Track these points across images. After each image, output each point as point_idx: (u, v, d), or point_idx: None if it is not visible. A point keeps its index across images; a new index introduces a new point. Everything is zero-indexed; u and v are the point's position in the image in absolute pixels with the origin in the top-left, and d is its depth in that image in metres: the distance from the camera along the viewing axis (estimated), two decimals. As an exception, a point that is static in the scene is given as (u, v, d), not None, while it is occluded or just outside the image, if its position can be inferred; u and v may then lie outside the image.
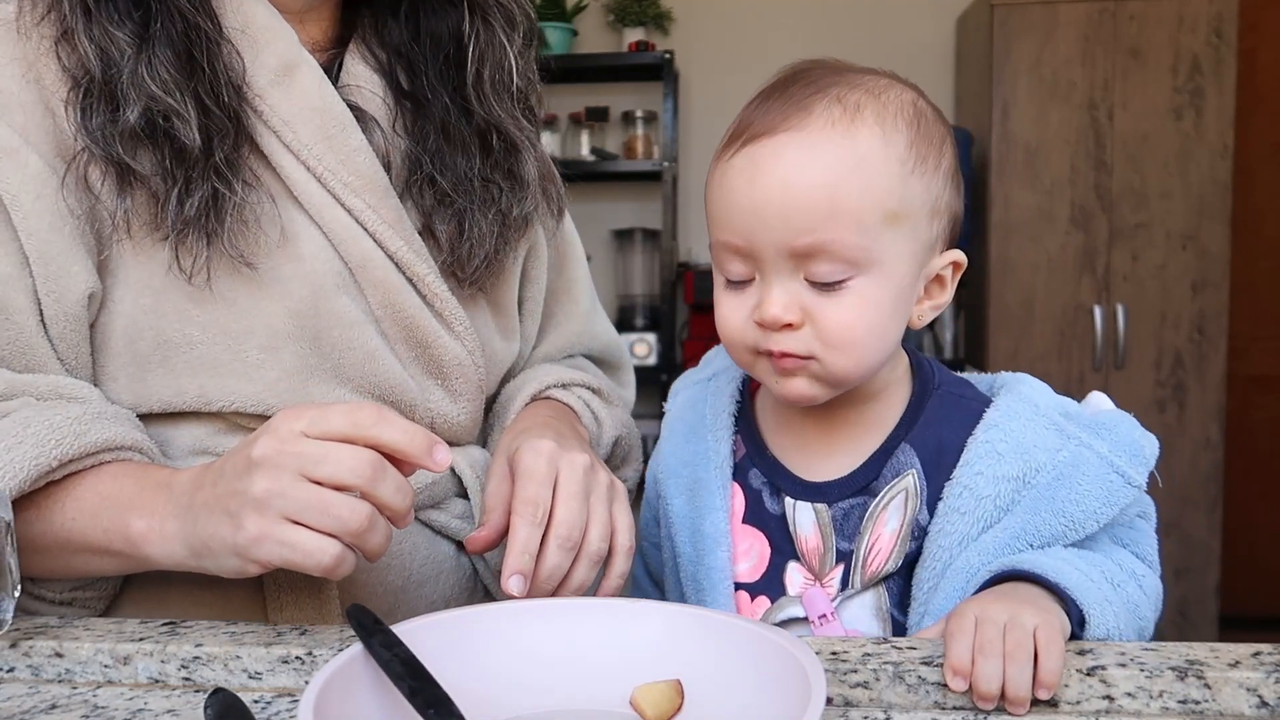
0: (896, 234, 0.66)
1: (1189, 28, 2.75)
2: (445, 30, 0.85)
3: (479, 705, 0.54)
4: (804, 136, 0.65)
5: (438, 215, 0.82)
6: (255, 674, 0.63)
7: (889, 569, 0.70)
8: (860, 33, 3.30)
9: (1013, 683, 0.56)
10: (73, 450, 0.67)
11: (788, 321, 0.66)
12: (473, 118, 0.85)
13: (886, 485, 0.72)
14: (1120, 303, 2.81)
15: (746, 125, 0.68)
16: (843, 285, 0.66)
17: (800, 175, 0.65)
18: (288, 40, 0.78)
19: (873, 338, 0.67)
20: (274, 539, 0.59)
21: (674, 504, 0.79)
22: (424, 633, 0.57)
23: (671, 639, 0.58)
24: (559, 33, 3.26)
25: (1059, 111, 2.81)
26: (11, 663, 0.66)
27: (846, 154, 0.65)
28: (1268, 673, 0.56)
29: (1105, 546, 0.70)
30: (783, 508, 0.74)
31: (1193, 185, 2.78)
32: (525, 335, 0.95)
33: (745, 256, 0.68)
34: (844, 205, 0.64)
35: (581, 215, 1.07)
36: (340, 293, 0.77)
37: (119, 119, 0.70)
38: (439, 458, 0.61)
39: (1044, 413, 0.71)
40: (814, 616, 0.71)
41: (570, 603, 0.63)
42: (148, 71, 0.70)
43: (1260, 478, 3.26)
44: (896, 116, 0.67)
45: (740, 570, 0.75)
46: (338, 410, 0.61)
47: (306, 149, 0.77)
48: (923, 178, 0.67)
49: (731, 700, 0.54)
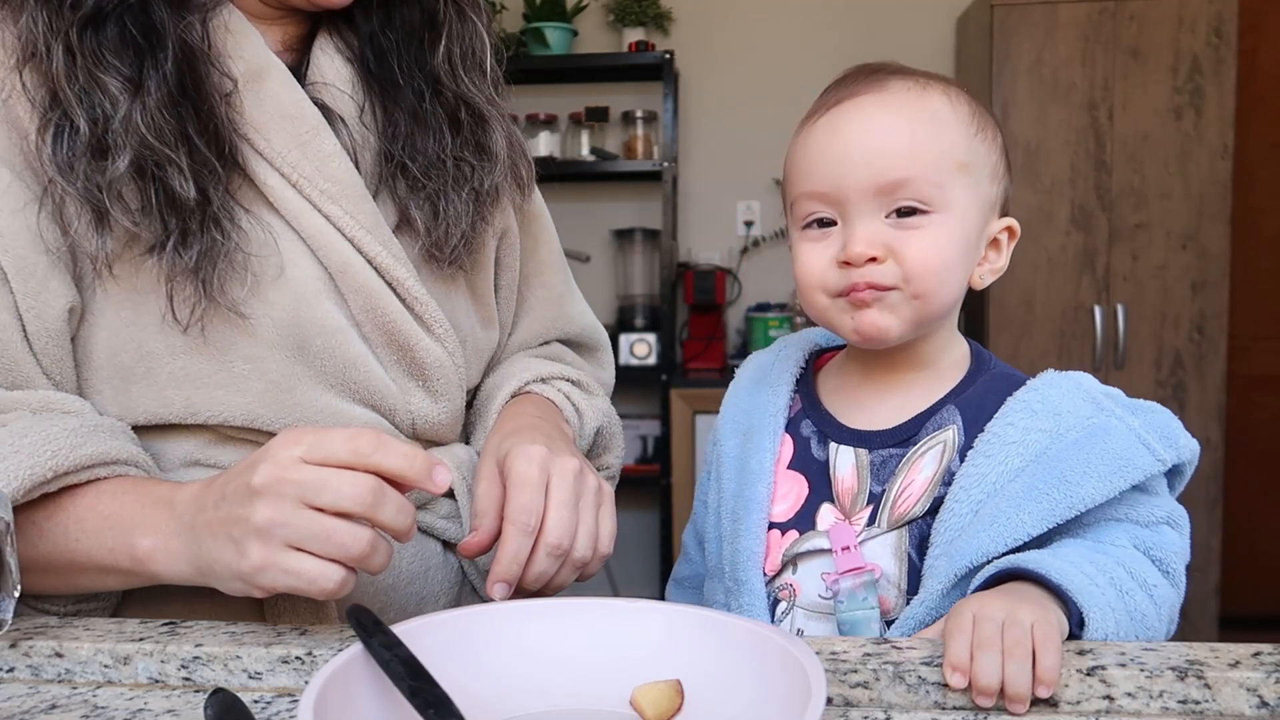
0: (966, 183, 0.73)
1: (1189, 28, 2.75)
2: (417, 18, 0.85)
3: (479, 705, 0.54)
4: (884, 97, 0.74)
5: (412, 201, 0.82)
6: (255, 674, 0.63)
7: (916, 512, 0.73)
8: (860, 33, 3.30)
9: (1012, 679, 0.56)
10: (68, 463, 0.67)
11: (872, 255, 0.71)
12: (443, 96, 0.85)
13: (927, 436, 0.76)
14: (1120, 303, 2.81)
15: (826, 99, 0.76)
16: (922, 219, 0.72)
17: (883, 122, 0.73)
18: (255, 44, 0.77)
19: (947, 273, 0.73)
20: (278, 567, 0.59)
21: (727, 445, 0.85)
22: (424, 633, 0.57)
23: (671, 639, 0.58)
24: (559, 33, 3.26)
25: (1059, 111, 2.81)
26: (11, 663, 0.65)
27: (922, 110, 0.74)
28: (1268, 673, 0.56)
29: (1124, 550, 0.69)
30: (827, 453, 0.79)
31: (1193, 185, 2.78)
32: (501, 322, 0.96)
33: (830, 202, 0.74)
34: (922, 148, 0.72)
35: (581, 215, 1.07)
36: (322, 300, 0.77)
37: (106, 166, 0.69)
38: (439, 480, 0.61)
39: (1085, 388, 0.74)
40: (837, 547, 0.74)
41: (570, 603, 0.62)
42: (141, 116, 0.69)
43: (1260, 478, 3.26)
44: (958, 95, 0.76)
45: (776, 511, 0.79)
46: (337, 436, 0.60)
47: (280, 156, 0.76)
48: (984, 142, 0.76)
49: (731, 700, 0.54)
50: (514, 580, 0.69)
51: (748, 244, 3.39)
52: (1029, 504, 0.68)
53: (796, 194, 0.76)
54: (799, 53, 3.33)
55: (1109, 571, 0.66)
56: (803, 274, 0.76)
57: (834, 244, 0.74)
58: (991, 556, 0.68)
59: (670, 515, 3.07)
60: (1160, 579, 0.69)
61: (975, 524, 0.69)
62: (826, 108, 0.75)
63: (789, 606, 0.76)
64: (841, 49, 3.29)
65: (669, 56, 3.13)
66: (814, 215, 0.75)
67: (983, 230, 0.76)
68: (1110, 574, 0.66)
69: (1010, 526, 0.68)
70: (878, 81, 0.75)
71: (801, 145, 0.76)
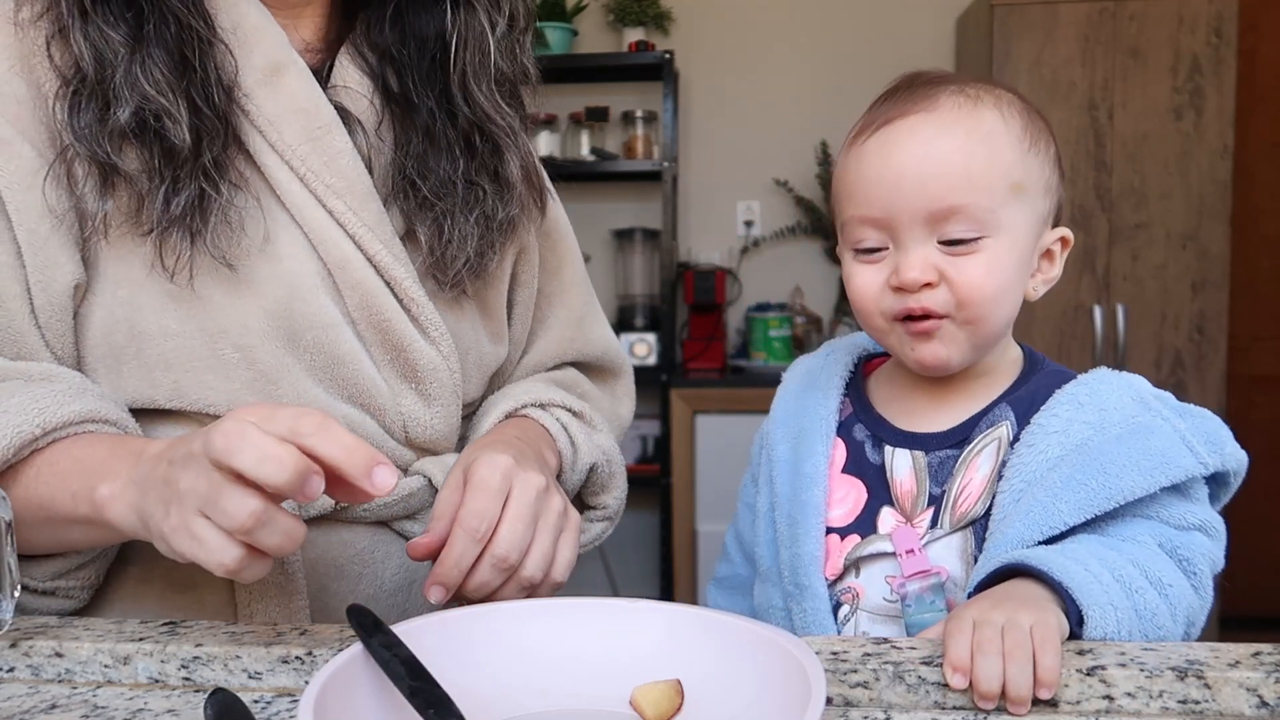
0: (1019, 203, 0.73)
1: (1189, 28, 2.75)
2: (431, 30, 0.84)
3: (479, 705, 0.54)
4: (935, 116, 0.73)
5: (419, 219, 0.82)
6: (255, 674, 0.63)
7: (977, 511, 0.73)
8: (860, 33, 3.30)
9: (1013, 682, 0.56)
10: (56, 419, 0.67)
11: (926, 281, 0.71)
12: (457, 119, 0.84)
13: (981, 434, 0.76)
14: (1120, 302, 2.81)
15: (877, 115, 0.75)
16: (975, 245, 0.72)
17: (935, 146, 0.72)
18: (276, 41, 0.78)
19: (1002, 295, 0.73)
20: (186, 530, 0.57)
21: (778, 450, 0.84)
22: (424, 633, 0.57)
23: (671, 639, 0.58)
24: (559, 33, 3.26)
25: (1059, 111, 2.81)
26: (11, 663, 0.66)
27: (974, 130, 0.72)
28: (1268, 673, 0.56)
29: (1144, 547, 0.68)
30: (883, 457, 0.79)
31: (1193, 185, 2.78)
32: (514, 339, 0.95)
33: (881, 227, 0.73)
34: (976, 172, 0.71)
35: (581, 215, 1.07)
36: (318, 293, 0.77)
37: (109, 118, 0.71)
38: (379, 480, 0.57)
39: (1133, 387, 0.75)
40: (901, 550, 0.74)
41: (570, 603, 0.62)
42: (141, 71, 0.71)
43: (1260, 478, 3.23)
44: (1010, 105, 0.75)
45: (834, 515, 0.79)
46: (285, 414, 0.58)
47: (291, 149, 0.77)
48: (1037, 157, 0.75)
49: (731, 700, 0.54)
50: (453, 585, 0.67)
51: (748, 244, 3.39)
52: (1067, 493, 0.68)
53: (848, 217, 0.76)
54: (799, 53, 3.33)
55: (1117, 569, 0.65)
56: (858, 298, 0.76)
57: (886, 267, 0.74)
58: (1029, 545, 0.68)
59: (670, 515, 3.06)
60: (1179, 578, 0.67)
61: (1015, 512, 0.69)
62: (876, 126, 0.74)
63: (852, 610, 0.76)
64: (842, 49, 3.29)
65: (669, 56, 3.13)
66: (864, 244, 0.74)
67: (1035, 244, 0.76)
68: (1118, 571, 0.65)
69: (1048, 515, 0.68)
70: (928, 98, 0.74)
71: (853, 166, 0.75)
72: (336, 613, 0.78)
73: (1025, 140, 0.74)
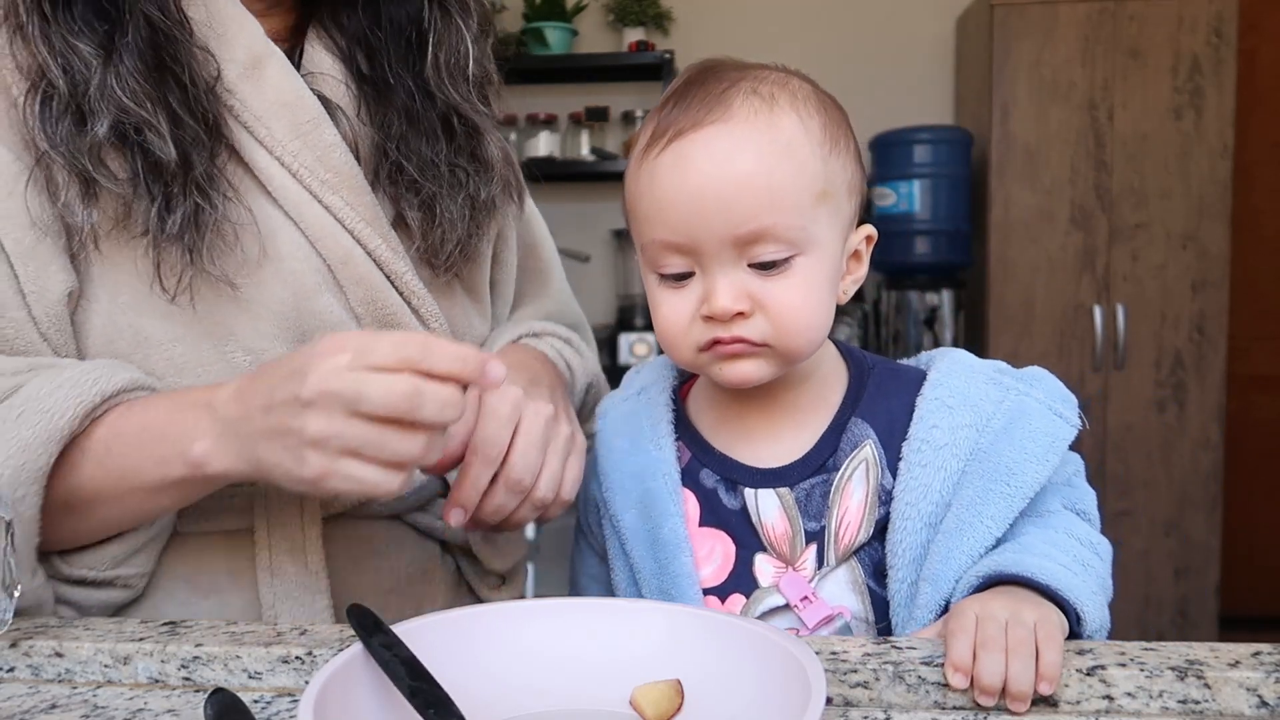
0: (826, 212, 0.69)
1: (1189, 28, 2.75)
2: (405, 16, 0.84)
3: (479, 705, 0.54)
4: (730, 128, 0.67)
5: (407, 203, 0.82)
6: (255, 674, 0.63)
7: (861, 539, 0.71)
8: (860, 33, 3.30)
9: (1015, 677, 0.56)
10: (111, 386, 0.68)
11: (739, 310, 0.67)
12: (434, 102, 0.84)
13: (846, 459, 0.73)
14: (1120, 303, 2.81)
15: (669, 124, 0.68)
16: (786, 266, 0.67)
17: (734, 165, 0.66)
18: (255, 32, 0.77)
19: (819, 315, 0.70)
20: (338, 474, 0.60)
21: (625, 519, 0.76)
22: (424, 633, 0.57)
23: (672, 639, 0.58)
24: (559, 33, 3.26)
25: (1059, 112, 2.81)
26: (11, 662, 0.66)
27: (774, 140, 0.67)
28: (1268, 673, 0.56)
29: (1060, 515, 0.71)
30: (742, 500, 0.74)
31: (1193, 185, 2.78)
32: (496, 317, 0.96)
33: (686, 252, 0.68)
34: (780, 189, 0.66)
35: (581, 215, 1.08)
36: (321, 292, 0.77)
37: (86, 132, 0.68)
38: (493, 373, 0.61)
39: (979, 370, 0.74)
40: (795, 600, 0.71)
41: (570, 603, 0.63)
42: (116, 82, 0.69)
43: (1260, 478, 3.26)
44: (807, 102, 0.69)
45: (704, 575, 0.74)
46: (385, 343, 0.60)
47: (281, 145, 0.76)
48: (839, 158, 0.70)
49: (731, 700, 0.54)
50: (470, 507, 0.69)
51: (748, 244, 3.38)
52: (986, 507, 0.68)
53: (648, 240, 0.70)
54: (799, 53, 3.32)
55: (1071, 551, 0.67)
56: (666, 329, 0.71)
57: (693, 294, 0.69)
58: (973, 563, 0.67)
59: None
60: (1092, 531, 0.71)
61: (942, 540, 0.68)
62: (669, 138, 0.67)
63: None
64: (841, 49, 3.29)
65: (669, 56, 3.13)
66: (668, 269, 0.69)
67: (844, 250, 0.72)
68: (1074, 554, 0.66)
69: (979, 533, 0.68)
70: (722, 103, 0.67)
71: (647, 183, 0.68)
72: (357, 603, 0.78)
73: (826, 143, 0.69)
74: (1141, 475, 2.83)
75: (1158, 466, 2.82)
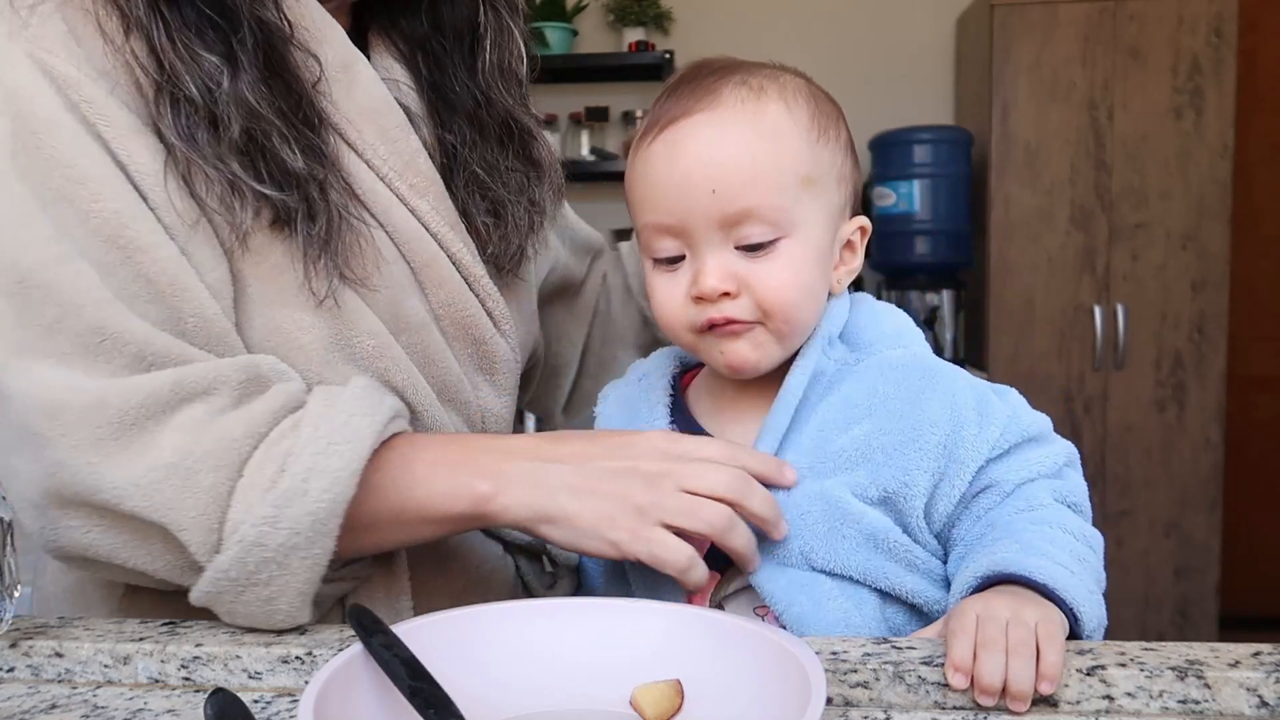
0: (812, 197, 0.71)
1: (1189, 28, 2.75)
2: (463, 19, 0.85)
3: (479, 705, 0.54)
4: (717, 114, 0.70)
5: (476, 206, 0.83)
6: (255, 674, 0.63)
7: None
8: (860, 33, 3.30)
9: (1016, 677, 0.56)
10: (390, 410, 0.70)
11: (725, 290, 0.69)
12: (494, 106, 0.85)
13: None
14: (1120, 303, 2.81)
15: (660, 114, 0.72)
16: (772, 248, 0.70)
17: (719, 148, 0.69)
18: (341, 36, 0.76)
19: (805, 296, 0.72)
20: (644, 538, 0.66)
21: None
22: (424, 633, 0.57)
23: (672, 639, 0.58)
24: (559, 33, 3.26)
25: (1059, 111, 2.81)
26: (11, 663, 0.66)
27: (759, 125, 0.70)
28: (1268, 673, 0.56)
29: (1052, 508, 0.70)
30: None
31: (1193, 185, 2.78)
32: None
33: (676, 234, 0.71)
34: (763, 170, 0.69)
35: (581, 215, 1.07)
36: (409, 294, 0.77)
37: (222, 138, 0.68)
38: (788, 475, 0.70)
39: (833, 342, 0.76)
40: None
41: (570, 603, 0.63)
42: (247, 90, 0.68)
43: (1260, 478, 3.26)
44: (795, 94, 0.72)
45: None
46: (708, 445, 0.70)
47: (371, 149, 0.76)
48: (827, 146, 0.72)
49: (731, 700, 0.54)
50: None
51: (748, 244, 3.39)
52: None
53: (642, 224, 0.73)
54: (799, 53, 3.31)
55: (1068, 548, 0.66)
56: (661, 311, 0.74)
57: (685, 276, 0.71)
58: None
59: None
60: (1084, 523, 0.71)
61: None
62: (661, 126, 0.71)
63: None
64: (842, 49, 3.29)
65: (669, 56, 3.13)
66: (662, 253, 0.72)
67: (834, 238, 0.74)
68: (1070, 549, 0.66)
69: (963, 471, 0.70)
70: (711, 93, 0.70)
71: (640, 169, 0.72)
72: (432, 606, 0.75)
73: (813, 131, 0.71)
74: (1141, 475, 2.83)
75: (1158, 467, 2.83)
